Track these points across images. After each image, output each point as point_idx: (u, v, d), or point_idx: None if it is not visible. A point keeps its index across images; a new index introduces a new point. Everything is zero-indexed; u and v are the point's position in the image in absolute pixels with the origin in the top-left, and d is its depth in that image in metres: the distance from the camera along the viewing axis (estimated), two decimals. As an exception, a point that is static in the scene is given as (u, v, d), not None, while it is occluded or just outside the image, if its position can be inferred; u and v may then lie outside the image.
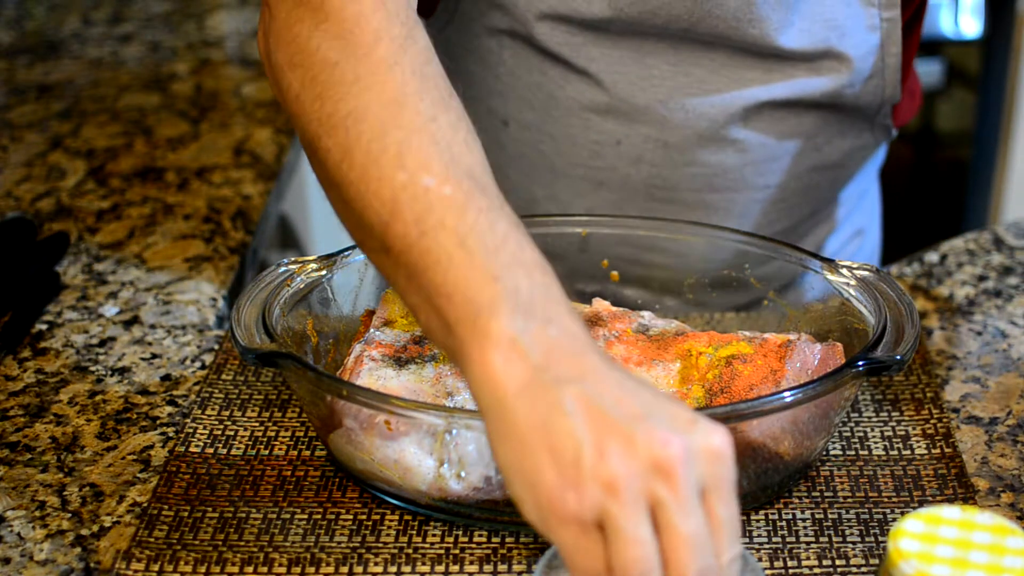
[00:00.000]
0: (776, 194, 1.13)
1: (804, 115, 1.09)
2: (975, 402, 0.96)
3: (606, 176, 1.11)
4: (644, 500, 0.62)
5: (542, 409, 0.63)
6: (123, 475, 0.89)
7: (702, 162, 1.09)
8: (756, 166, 1.10)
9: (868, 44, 1.06)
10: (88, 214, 1.28)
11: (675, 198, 1.11)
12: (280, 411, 0.96)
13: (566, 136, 1.10)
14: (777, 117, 1.08)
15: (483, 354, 0.65)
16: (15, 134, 1.49)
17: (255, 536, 0.83)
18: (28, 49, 1.79)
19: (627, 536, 0.61)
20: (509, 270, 0.68)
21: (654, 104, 1.06)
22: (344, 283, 0.97)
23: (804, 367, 0.87)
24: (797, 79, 1.06)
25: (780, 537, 0.83)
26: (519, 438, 0.64)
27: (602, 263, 1.06)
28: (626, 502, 0.61)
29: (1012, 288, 1.12)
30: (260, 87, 1.63)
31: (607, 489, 0.61)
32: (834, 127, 1.11)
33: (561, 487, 0.62)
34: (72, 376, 1.01)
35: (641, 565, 0.62)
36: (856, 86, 1.07)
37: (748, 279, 1.02)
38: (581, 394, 0.63)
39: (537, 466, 0.63)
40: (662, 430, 0.62)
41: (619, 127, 1.08)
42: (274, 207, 1.39)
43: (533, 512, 0.64)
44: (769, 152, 1.09)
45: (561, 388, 0.64)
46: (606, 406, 0.63)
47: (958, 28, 2.54)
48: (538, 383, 0.64)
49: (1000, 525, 0.66)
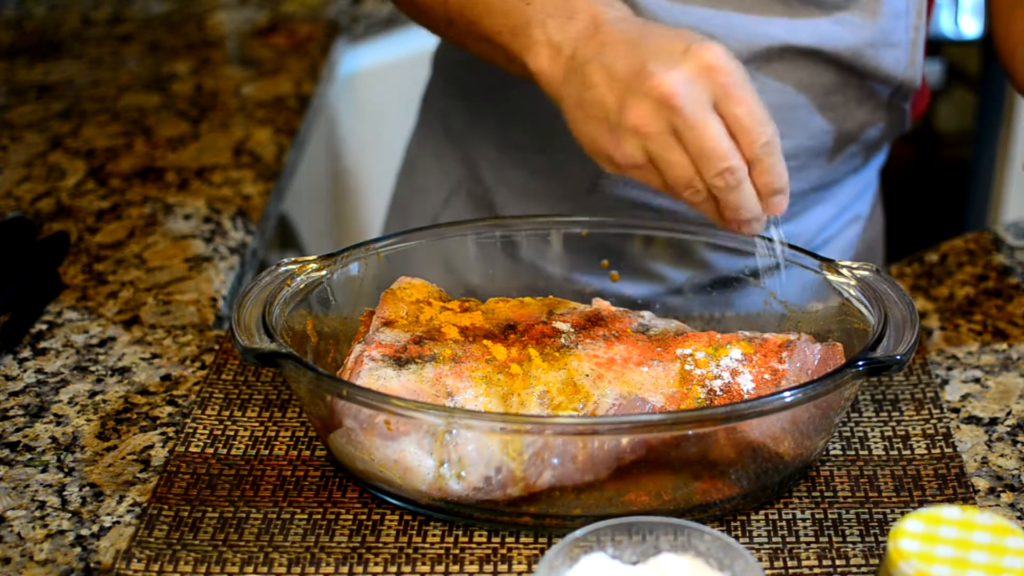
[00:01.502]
0: (789, 148, 1.13)
1: (824, 69, 1.10)
2: (975, 402, 0.96)
3: None
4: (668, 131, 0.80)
5: (577, 89, 0.83)
6: (123, 475, 0.89)
7: None
8: (773, 112, 1.10)
9: (893, 6, 1.08)
10: (88, 214, 1.28)
11: None
12: (280, 411, 0.96)
13: None
14: (797, 65, 1.09)
15: (534, 60, 0.86)
16: (15, 134, 1.49)
17: (255, 536, 0.83)
18: (28, 49, 1.79)
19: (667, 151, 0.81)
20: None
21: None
22: (344, 283, 0.97)
23: (804, 367, 0.87)
24: (821, 28, 1.07)
25: (780, 537, 0.83)
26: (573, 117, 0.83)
27: (602, 263, 1.07)
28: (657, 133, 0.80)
29: (1012, 288, 1.12)
30: (260, 87, 1.64)
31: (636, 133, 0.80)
32: (852, 90, 1.12)
33: (606, 144, 0.82)
34: (72, 376, 1.01)
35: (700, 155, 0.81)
36: (877, 49, 1.09)
37: (748, 279, 1.02)
38: (598, 67, 0.81)
39: (590, 134, 0.83)
40: (660, 70, 0.79)
41: None
42: (274, 207, 1.39)
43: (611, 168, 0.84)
44: (786, 99, 1.10)
45: (586, 68, 0.82)
46: (618, 68, 0.81)
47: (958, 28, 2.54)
48: (572, 70, 0.83)
49: (1000, 525, 0.66)
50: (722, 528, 0.83)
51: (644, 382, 0.86)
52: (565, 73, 0.84)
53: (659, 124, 0.80)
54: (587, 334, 0.90)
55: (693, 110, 0.79)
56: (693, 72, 0.79)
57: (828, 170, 1.17)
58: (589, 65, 0.82)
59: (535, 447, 0.81)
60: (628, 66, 0.80)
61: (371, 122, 2.17)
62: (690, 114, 0.79)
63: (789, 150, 1.13)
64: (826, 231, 1.24)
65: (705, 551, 0.71)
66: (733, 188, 0.82)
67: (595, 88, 0.81)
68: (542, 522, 0.83)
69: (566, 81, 0.84)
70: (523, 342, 0.89)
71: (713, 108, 0.80)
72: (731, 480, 0.83)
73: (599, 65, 0.81)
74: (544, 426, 0.80)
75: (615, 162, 0.83)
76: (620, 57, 0.81)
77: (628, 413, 0.84)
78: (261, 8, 1.97)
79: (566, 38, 0.84)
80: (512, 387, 0.85)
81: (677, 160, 0.81)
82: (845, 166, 1.19)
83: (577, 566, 0.71)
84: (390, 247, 1.00)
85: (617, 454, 0.82)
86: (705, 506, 0.83)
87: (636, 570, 0.72)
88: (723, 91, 0.80)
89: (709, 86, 0.80)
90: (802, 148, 1.14)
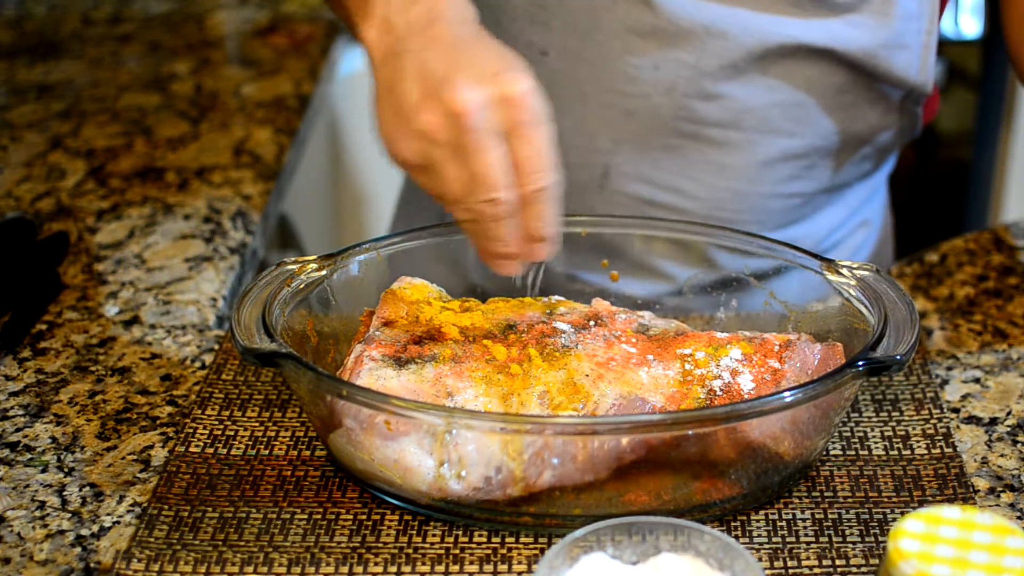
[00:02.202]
0: (799, 148, 1.14)
1: (836, 69, 1.10)
2: (975, 402, 0.96)
3: (637, 105, 1.11)
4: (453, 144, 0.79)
5: (391, 74, 0.82)
6: (123, 475, 0.89)
7: (731, 95, 1.10)
8: (783, 109, 1.11)
9: (906, 8, 1.09)
10: (88, 214, 1.28)
11: (700, 133, 1.12)
12: (280, 411, 0.96)
13: (604, 60, 1.11)
14: (809, 63, 1.10)
15: (365, 30, 0.85)
16: (15, 134, 1.49)
17: (255, 536, 0.83)
18: (28, 49, 1.79)
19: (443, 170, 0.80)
20: None
21: (696, 29, 1.08)
22: (344, 283, 0.97)
23: (804, 367, 0.87)
24: (835, 29, 1.08)
25: (780, 537, 0.83)
26: (379, 97, 0.83)
27: (602, 263, 1.07)
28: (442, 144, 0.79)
29: (1012, 288, 1.12)
30: (260, 87, 1.64)
31: (422, 137, 0.80)
32: (863, 91, 1.13)
33: (393, 136, 0.82)
34: (72, 376, 1.01)
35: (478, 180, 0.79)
36: (889, 51, 1.09)
37: (748, 279, 1.02)
38: (417, 61, 0.81)
39: (384, 118, 0.83)
40: (463, 86, 0.78)
41: (659, 51, 1.09)
42: (274, 207, 1.39)
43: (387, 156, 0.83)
44: (796, 97, 1.11)
45: (406, 57, 0.81)
46: (432, 69, 0.80)
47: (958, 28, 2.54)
48: (394, 53, 0.83)
49: (1000, 525, 0.66)
50: (722, 528, 0.83)
51: (644, 382, 0.86)
52: (387, 53, 0.83)
53: (445, 135, 0.79)
54: (587, 334, 0.90)
55: (479, 135, 0.78)
56: (493, 97, 0.78)
57: (838, 172, 1.18)
58: (409, 55, 0.81)
59: (535, 447, 0.81)
60: (440, 69, 0.80)
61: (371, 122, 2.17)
62: (475, 137, 0.78)
63: (799, 149, 1.14)
64: (835, 234, 1.24)
65: (705, 551, 0.71)
66: (496, 220, 0.81)
67: (405, 81, 0.81)
68: (542, 522, 0.83)
69: (385, 61, 0.83)
70: (523, 342, 0.89)
71: (503, 138, 0.79)
72: (731, 480, 0.83)
73: (416, 58, 0.81)
74: (544, 426, 0.80)
75: (399, 156, 0.82)
76: (437, 58, 0.81)
77: (628, 413, 0.84)
78: (261, 8, 1.97)
79: (401, 20, 0.84)
80: (512, 387, 0.85)
81: (453, 175, 0.80)
82: (856, 169, 1.19)
83: (577, 566, 0.71)
84: (390, 247, 1.00)
85: (617, 454, 0.82)
86: (705, 506, 0.83)
87: (636, 570, 0.72)
88: (516, 126, 0.79)
89: (504, 116, 0.79)
90: (812, 147, 1.14)
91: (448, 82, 0.79)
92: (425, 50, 0.81)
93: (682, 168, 1.13)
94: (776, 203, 1.16)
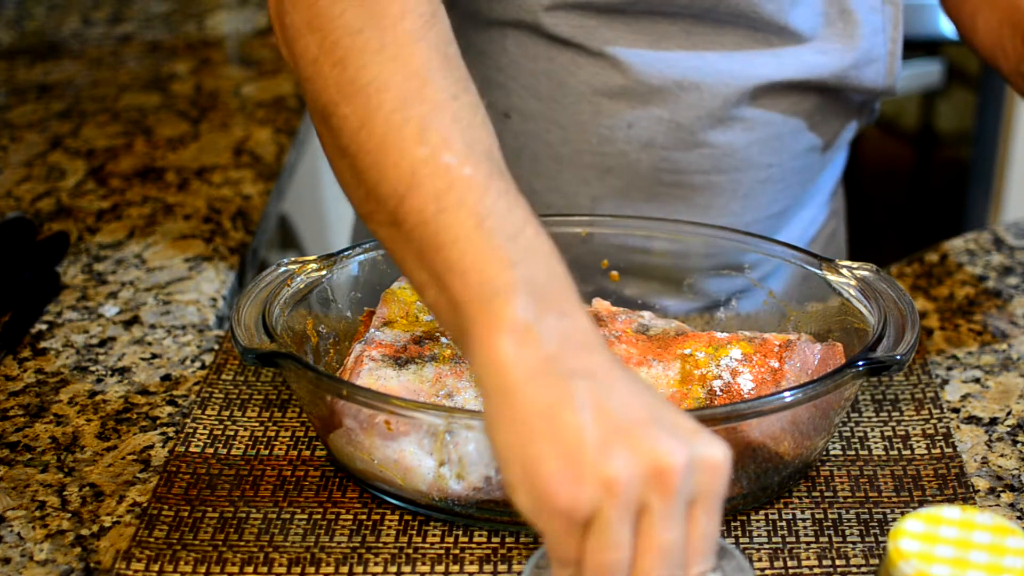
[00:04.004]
0: (776, 174, 1.14)
1: (808, 95, 1.11)
2: (975, 402, 0.96)
3: (615, 162, 1.11)
4: (636, 504, 0.62)
5: (552, 399, 0.63)
6: (123, 475, 0.89)
7: (711, 143, 1.10)
8: (761, 144, 1.12)
9: (871, 25, 1.09)
10: (88, 214, 1.28)
11: (682, 181, 1.12)
12: (280, 411, 0.96)
13: (575, 123, 1.10)
14: (783, 96, 1.10)
15: (494, 337, 0.65)
16: (15, 134, 1.49)
17: (255, 536, 0.83)
18: (28, 49, 1.79)
19: (611, 539, 0.62)
20: (527, 256, 0.68)
21: (668, 85, 1.07)
22: (344, 283, 0.97)
23: (804, 367, 0.87)
24: (805, 59, 1.08)
25: (780, 537, 0.83)
26: (525, 424, 0.63)
27: (602, 263, 1.06)
28: (620, 505, 0.61)
29: (1012, 288, 1.12)
30: (260, 87, 1.64)
31: (605, 489, 0.61)
32: (830, 107, 1.13)
33: (560, 479, 0.62)
34: (72, 376, 1.01)
35: (614, 568, 0.62)
36: (860, 68, 1.10)
37: (748, 279, 1.02)
38: (591, 390, 0.63)
39: (540, 455, 0.62)
40: (667, 437, 0.62)
41: (631, 110, 1.08)
42: (274, 207, 1.39)
43: (526, 499, 0.63)
44: (774, 131, 1.11)
45: (573, 381, 0.63)
46: (614, 406, 0.63)
47: (958, 28, 2.53)
48: (550, 372, 0.64)
49: (1000, 525, 0.66)
50: (722, 528, 0.83)
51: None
52: (538, 372, 0.64)
53: (635, 492, 0.62)
54: (587, 334, 0.89)
55: (679, 502, 0.62)
56: (699, 460, 0.63)
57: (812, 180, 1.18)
58: (580, 382, 0.63)
59: (535, 447, 0.81)
60: (631, 412, 0.63)
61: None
62: (674, 506, 0.62)
63: (776, 175, 1.14)
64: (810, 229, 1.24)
65: None
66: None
67: (578, 412, 0.62)
68: (542, 522, 0.82)
69: (536, 382, 0.64)
70: (523, 342, 0.89)
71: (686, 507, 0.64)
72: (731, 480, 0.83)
73: (592, 389, 0.63)
74: (544, 426, 0.80)
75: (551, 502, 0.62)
76: (619, 394, 0.64)
77: (628, 413, 0.84)
78: (261, 8, 1.97)
79: (551, 336, 0.65)
80: (512, 387, 0.84)
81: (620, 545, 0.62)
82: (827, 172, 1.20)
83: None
84: (390, 247, 0.99)
85: (617, 454, 0.82)
86: (705, 506, 0.83)
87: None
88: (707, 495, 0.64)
89: (700, 482, 0.63)
90: (787, 170, 1.15)
91: (646, 428, 0.62)
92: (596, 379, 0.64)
93: (667, 214, 1.11)
94: (758, 225, 1.16)
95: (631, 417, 0.63)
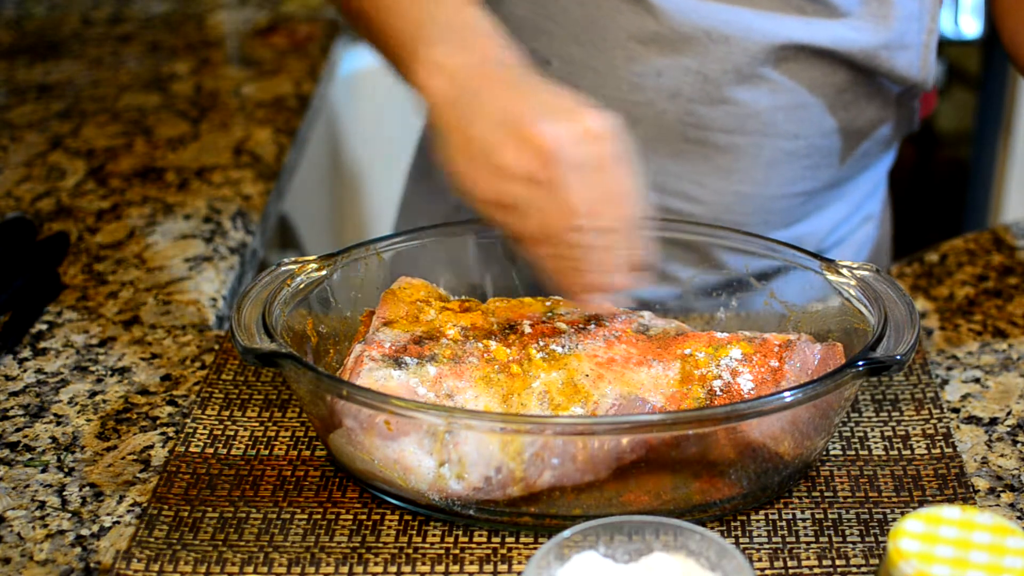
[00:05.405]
0: (802, 148, 1.15)
1: (837, 69, 1.11)
2: (975, 402, 0.96)
3: (642, 112, 1.12)
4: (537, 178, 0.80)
5: (462, 115, 0.83)
6: (123, 475, 0.89)
7: (736, 99, 1.11)
8: (787, 112, 1.12)
9: (906, 8, 1.10)
10: (88, 214, 1.28)
11: (707, 139, 1.13)
12: (280, 411, 0.96)
13: (609, 68, 1.12)
14: (811, 64, 1.10)
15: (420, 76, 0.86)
16: (15, 134, 1.49)
17: (255, 536, 0.83)
18: (28, 49, 1.79)
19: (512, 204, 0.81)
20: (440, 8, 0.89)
21: (699, 34, 1.08)
22: (344, 283, 0.97)
23: (804, 367, 0.87)
24: (835, 31, 1.09)
25: (780, 537, 0.83)
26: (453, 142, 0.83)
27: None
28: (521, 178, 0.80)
29: (1012, 288, 1.12)
30: (260, 87, 1.64)
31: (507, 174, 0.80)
32: (863, 88, 1.14)
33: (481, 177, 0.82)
34: (72, 376, 1.01)
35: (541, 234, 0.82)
36: (892, 51, 1.10)
37: (748, 279, 1.02)
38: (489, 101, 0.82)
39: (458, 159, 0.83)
40: (547, 123, 0.79)
41: (662, 58, 1.10)
42: (274, 207, 1.39)
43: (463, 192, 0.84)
44: (800, 99, 1.12)
45: (475, 98, 0.83)
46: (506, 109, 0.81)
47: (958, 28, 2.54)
48: (458, 96, 0.84)
49: (1000, 525, 0.66)
50: (722, 528, 0.83)
51: (644, 382, 0.86)
52: (451, 97, 0.84)
53: (531, 171, 0.80)
54: (587, 334, 0.90)
55: (568, 168, 0.79)
56: (577, 133, 0.80)
57: (840, 168, 1.18)
58: (478, 97, 0.83)
59: (535, 447, 0.81)
60: (516, 109, 0.81)
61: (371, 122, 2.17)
62: (563, 171, 0.79)
63: (802, 150, 1.15)
64: (839, 230, 1.24)
65: (697, 550, 0.71)
66: (586, 250, 0.82)
67: (479, 121, 0.82)
68: (542, 522, 0.83)
69: (450, 105, 0.84)
70: (523, 342, 0.89)
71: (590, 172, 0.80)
72: (731, 480, 0.83)
73: (488, 99, 0.82)
74: (544, 426, 0.80)
75: (480, 196, 0.83)
76: (509, 99, 0.82)
77: (628, 413, 0.84)
78: (261, 8, 1.97)
79: (457, 64, 0.85)
80: (512, 387, 0.85)
81: (539, 210, 0.81)
82: (857, 164, 1.20)
83: (568, 564, 0.71)
84: (390, 247, 1.00)
85: (617, 454, 0.82)
86: (705, 506, 0.83)
87: (628, 569, 0.72)
88: (602, 160, 0.81)
89: (590, 150, 0.80)
90: (814, 147, 1.15)
91: (530, 120, 0.80)
92: (493, 92, 0.83)
93: (689, 174, 1.14)
94: (782, 203, 1.17)
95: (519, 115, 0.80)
